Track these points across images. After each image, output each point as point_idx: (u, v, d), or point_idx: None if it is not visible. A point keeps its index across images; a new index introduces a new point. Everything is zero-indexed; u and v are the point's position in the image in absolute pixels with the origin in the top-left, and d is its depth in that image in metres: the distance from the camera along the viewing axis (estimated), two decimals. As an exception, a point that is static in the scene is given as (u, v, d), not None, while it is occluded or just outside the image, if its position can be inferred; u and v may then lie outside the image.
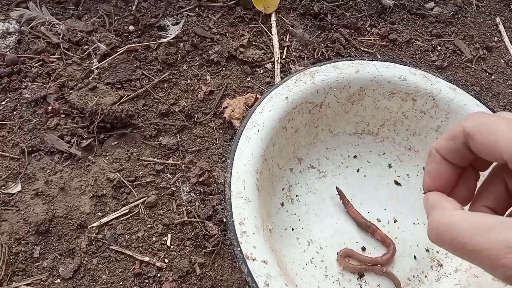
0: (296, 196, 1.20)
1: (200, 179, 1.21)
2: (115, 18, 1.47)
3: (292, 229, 1.15)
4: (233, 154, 1.02)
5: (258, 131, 1.06)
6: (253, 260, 0.89)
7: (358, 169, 1.25)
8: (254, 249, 0.90)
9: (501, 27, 1.63)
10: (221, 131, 1.32)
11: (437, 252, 1.15)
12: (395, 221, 1.17)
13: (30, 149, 1.22)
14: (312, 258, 1.11)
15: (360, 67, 1.16)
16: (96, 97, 1.29)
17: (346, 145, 1.28)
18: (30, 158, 1.22)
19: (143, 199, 1.18)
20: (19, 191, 1.17)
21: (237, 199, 0.95)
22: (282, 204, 1.17)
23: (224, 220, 1.11)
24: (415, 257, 1.13)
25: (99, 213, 1.16)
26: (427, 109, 1.18)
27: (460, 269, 1.11)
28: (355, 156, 1.27)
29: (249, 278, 0.87)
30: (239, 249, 0.90)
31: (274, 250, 1.00)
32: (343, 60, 1.18)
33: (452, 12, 1.61)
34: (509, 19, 1.66)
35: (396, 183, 1.24)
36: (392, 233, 1.15)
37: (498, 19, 1.64)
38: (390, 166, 1.26)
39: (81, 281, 1.08)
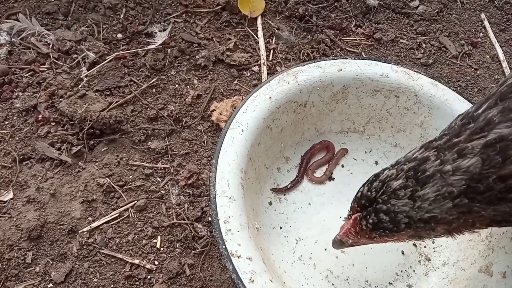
0: (284, 195, 1.21)
1: (189, 182, 1.22)
2: (104, 26, 1.50)
3: (280, 228, 1.16)
4: (217, 154, 1.04)
5: (242, 131, 1.08)
6: (238, 257, 0.90)
7: (345, 166, 1.27)
8: (239, 247, 0.92)
9: (486, 23, 1.64)
10: (209, 134, 1.33)
11: (425, 246, 1.16)
12: (382, 216, 1.18)
13: (21, 157, 1.24)
14: (301, 256, 1.12)
15: (342, 66, 1.18)
16: (85, 104, 1.31)
17: (333, 143, 1.29)
18: (21, 166, 1.24)
19: (133, 203, 1.19)
20: (11, 199, 1.18)
21: (222, 198, 0.97)
22: (270, 203, 1.19)
23: (210, 219, 1.13)
24: (402, 252, 1.14)
25: (89, 218, 1.17)
26: (410, 105, 1.19)
27: (448, 263, 1.12)
28: (342, 154, 1.28)
29: (234, 275, 0.88)
30: (224, 246, 0.91)
31: (261, 248, 1.01)
32: (326, 60, 1.20)
33: (437, 10, 1.63)
34: (494, 15, 1.68)
35: (383, 179, 1.24)
36: (380, 228, 1.16)
37: (483, 15, 1.66)
38: (376, 163, 1.28)
39: (72, 285, 1.09)
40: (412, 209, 0.74)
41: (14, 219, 1.15)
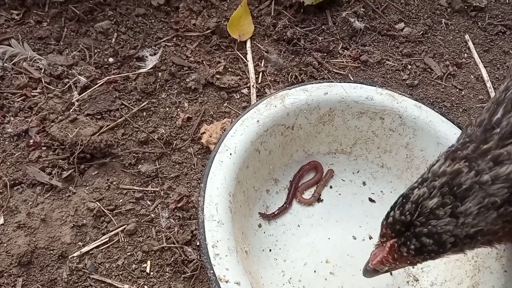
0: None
1: (179, 205, 1.24)
2: (95, 51, 1.52)
3: (270, 250, 1.17)
4: (206, 178, 1.05)
5: (231, 154, 1.09)
6: (226, 282, 0.91)
7: (333, 187, 1.29)
8: (227, 271, 0.93)
9: (470, 43, 1.68)
10: (199, 156, 1.35)
11: (413, 267, 1.17)
12: (370, 237, 1.20)
13: (12, 182, 1.25)
14: (290, 278, 1.13)
15: (328, 89, 1.21)
16: (76, 128, 1.32)
17: (321, 164, 1.31)
18: (12, 191, 1.25)
19: (123, 227, 1.20)
20: (2, 224, 1.19)
21: (210, 222, 0.98)
22: (260, 226, 1.20)
23: (198, 243, 1.14)
24: (391, 273, 1.15)
25: (79, 243, 1.18)
26: (395, 127, 1.22)
27: (436, 283, 1.13)
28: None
29: (222, 300, 0.89)
30: (212, 271, 0.92)
31: (250, 271, 1.02)
32: (312, 83, 1.22)
33: (422, 32, 1.67)
34: (478, 36, 1.72)
35: (371, 200, 1.27)
36: (368, 249, 1.17)
37: (467, 36, 1.70)
38: (364, 183, 1.30)
39: (62, 311, 1.09)
40: (456, 227, 0.72)
41: (5, 245, 1.15)
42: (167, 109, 1.43)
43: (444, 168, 0.75)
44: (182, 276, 1.15)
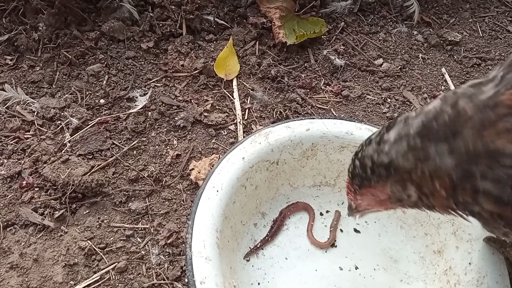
0: (261, 250, 1.25)
1: (169, 241, 1.26)
2: (87, 93, 1.58)
3: (258, 284, 1.19)
4: (193, 215, 1.09)
5: (217, 191, 1.14)
6: (214, 317, 0.94)
7: (319, 218, 1.32)
8: (215, 307, 0.95)
9: (446, 76, 1.76)
10: (189, 192, 1.39)
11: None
12: (356, 268, 1.23)
13: (5, 223, 1.28)
14: (279, 311, 1.15)
15: (310, 125, 1.27)
16: (68, 169, 1.36)
17: (307, 197, 1.35)
18: (5, 232, 1.27)
19: (114, 265, 1.22)
20: (-6, 266, 1.21)
21: (198, 258, 1.01)
22: (248, 260, 1.23)
23: (186, 280, 1.16)
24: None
25: (71, 282, 1.20)
26: (376, 160, 1.27)
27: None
28: (316, 207, 1.34)
29: (210, 336, 0.91)
30: (200, 308, 0.95)
31: (238, 306, 1.05)
32: (294, 120, 1.28)
33: (400, 66, 1.75)
34: (454, 69, 1.80)
35: (356, 230, 1.30)
36: (354, 279, 1.21)
37: (443, 69, 1.79)
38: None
39: None
40: (375, 152, 0.78)
41: (-3, 286, 1.17)
42: (157, 147, 1.48)
43: None
44: (173, 312, 1.16)
